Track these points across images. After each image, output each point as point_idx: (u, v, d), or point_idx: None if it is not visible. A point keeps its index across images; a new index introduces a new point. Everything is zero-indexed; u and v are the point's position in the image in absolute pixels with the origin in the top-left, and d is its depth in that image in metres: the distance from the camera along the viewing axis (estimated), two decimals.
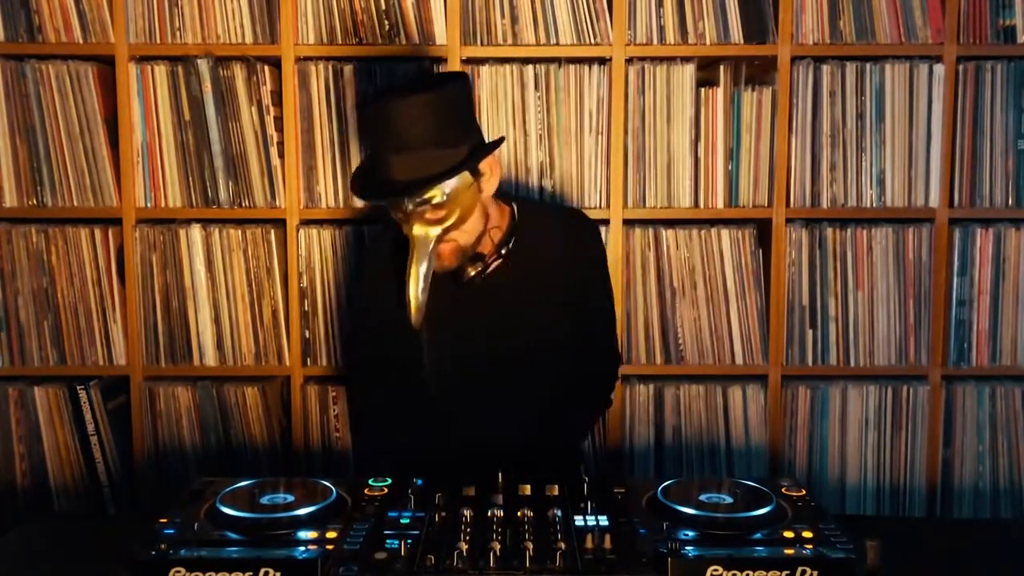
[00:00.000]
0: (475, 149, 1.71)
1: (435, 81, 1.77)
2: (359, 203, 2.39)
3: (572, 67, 2.36)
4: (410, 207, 1.67)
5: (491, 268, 1.82)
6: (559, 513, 1.51)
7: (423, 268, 1.68)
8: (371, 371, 1.95)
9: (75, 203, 2.40)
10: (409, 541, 1.40)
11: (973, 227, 2.41)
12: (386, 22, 2.35)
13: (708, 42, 2.35)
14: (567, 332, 1.91)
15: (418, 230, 1.68)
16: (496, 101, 2.37)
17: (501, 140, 1.79)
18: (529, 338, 1.88)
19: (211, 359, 2.42)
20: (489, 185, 1.76)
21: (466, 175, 1.70)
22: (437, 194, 1.66)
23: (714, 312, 2.42)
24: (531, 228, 1.87)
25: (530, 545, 1.37)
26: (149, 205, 2.41)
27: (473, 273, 1.79)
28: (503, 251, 1.83)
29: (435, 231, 1.69)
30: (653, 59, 2.37)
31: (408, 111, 1.61)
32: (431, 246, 1.69)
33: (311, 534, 1.44)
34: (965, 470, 2.45)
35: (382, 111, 1.63)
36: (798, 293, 2.42)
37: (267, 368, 2.44)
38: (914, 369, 2.44)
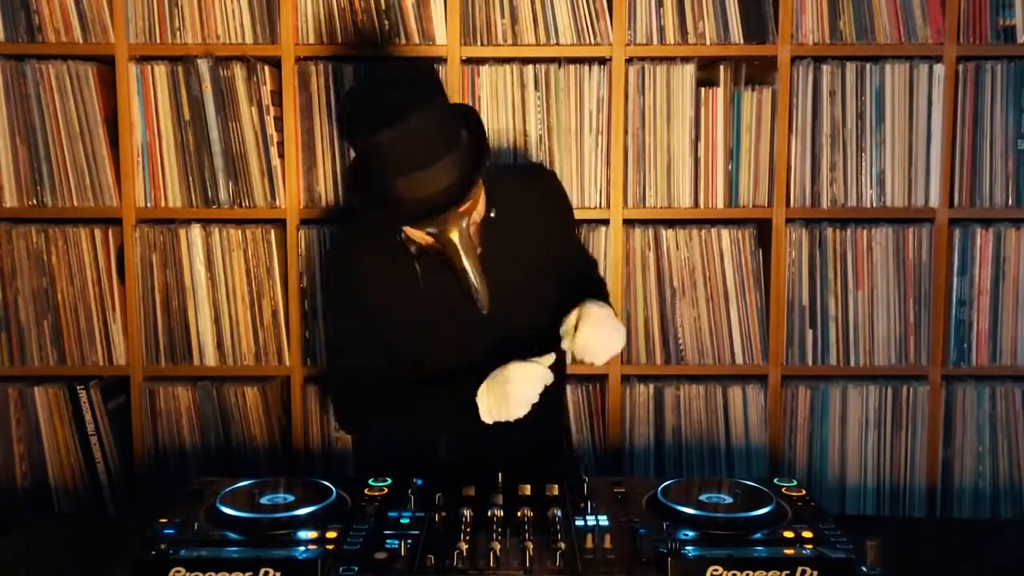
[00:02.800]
0: (470, 131, 1.70)
1: (417, 85, 1.68)
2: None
3: (572, 67, 2.36)
4: (447, 215, 1.64)
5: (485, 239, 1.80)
6: (559, 513, 1.51)
7: (472, 259, 1.70)
8: (360, 363, 1.90)
9: (75, 203, 2.40)
10: (409, 541, 1.40)
11: (973, 227, 2.41)
12: (386, 22, 2.35)
13: (708, 42, 2.35)
14: (555, 284, 1.90)
15: (454, 233, 1.67)
16: (496, 101, 2.37)
17: (475, 111, 1.77)
18: (522, 296, 1.86)
19: (211, 359, 2.42)
20: (487, 151, 1.75)
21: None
22: (471, 190, 1.66)
23: (714, 312, 2.42)
24: (500, 191, 1.84)
25: (530, 545, 1.37)
26: (149, 205, 2.41)
27: (480, 243, 1.78)
28: (489, 218, 1.80)
29: (465, 223, 1.69)
30: (653, 59, 2.37)
31: (412, 132, 1.57)
32: (468, 237, 1.70)
33: (311, 534, 1.44)
34: (965, 470, 2.45)
35: (392, 139, 1.58)
36: (798, 293, 2.42)
37: (267, 368, 2.44)
38: (914, 369, 2.44)
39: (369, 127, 1.57)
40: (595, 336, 1.72)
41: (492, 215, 1.79)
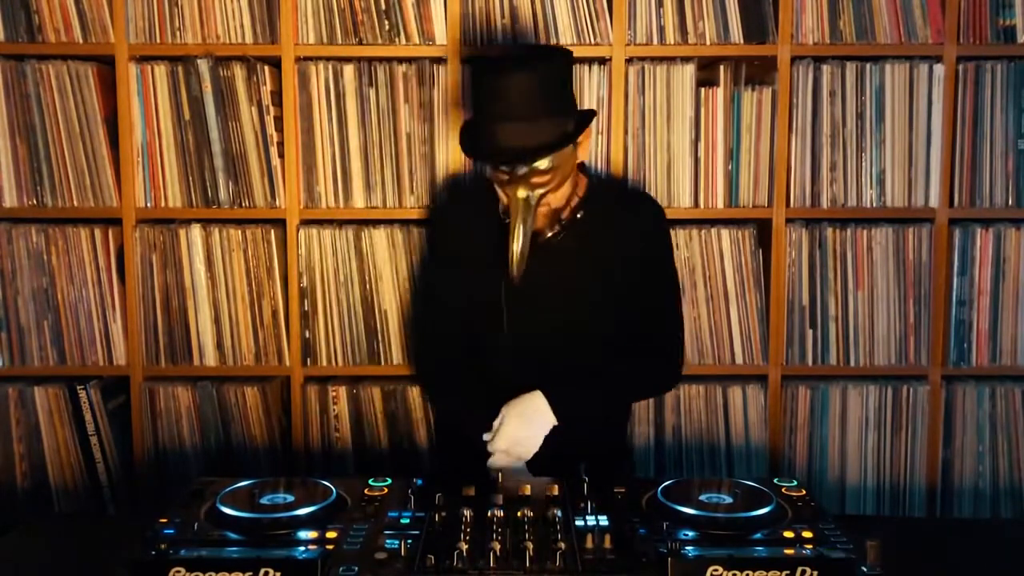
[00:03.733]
0: (579, 118, 1.84)
1: (545, 53, 1.91)
2: (358, 203, 2.39)
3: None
4: (521, 171, 1.77)
5: (562, 235, 1.91)
6: (559, 513, 1.51)
7: (526, 227, 1.80)
8: (446, 326, 2.06)
9: (75, 203, 2.40)
10: (409, 541, 1.40)
11: (973, 227, 2.41)
12: (386, 22, 2.35)
13: (708, 42, 2.35)
14: (611, 313, 1.98)
15: (522, 192, 1.79)
16: None
17: (594, 112, 1.92)
18: (577, 310, 1.97)
19: (211, 359, 2.42)
20: (583, 150, 1.89)
21: None
22: (547, 161, 1.78)
23: (714, 312, 2.42)
24: (602, 202, 1.96)
25: (530, 545, 1.37)
26: (149, 205, 2.41)
27: (550, 235, 1.89)
28: (575, 218, 1.92)
29: (537, 193, 1.80)
30: (653, 59, 2.37)
31: (525, 83, 1.73)
32: (533, 207, 1.80)
33: (311, 534, 1.44)
34: (965, 470, 2.45)
35: (499, 80, 1.74)
36: (798, 293, 2.42)
37: (267, 368, 2.44)
38: (914, 369, 2.44)
39: (488, 72, 1.77)
40: (502, 437, 1.82)
41: (579, 216, 1.91)
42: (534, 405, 1.84)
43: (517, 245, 1.80)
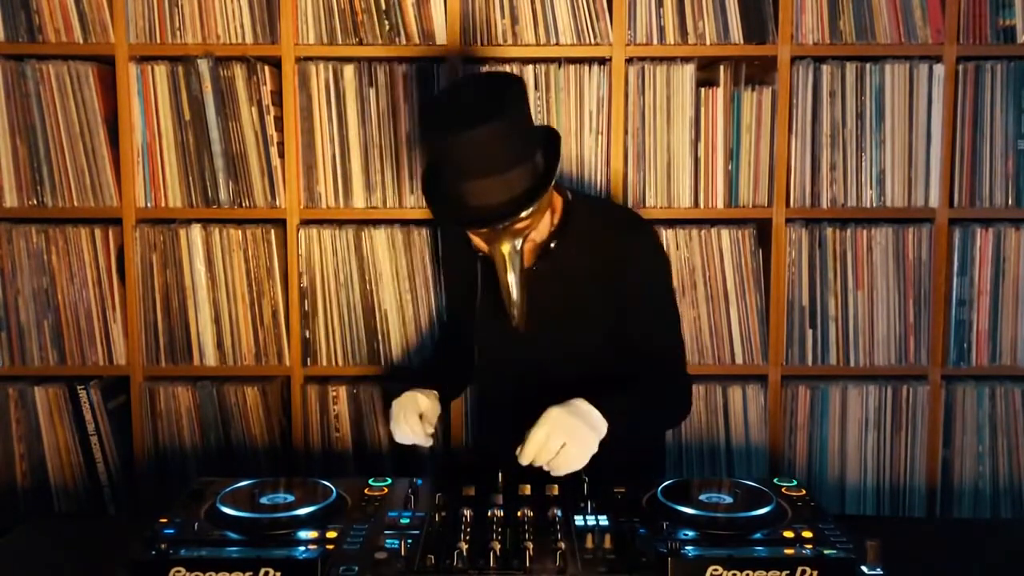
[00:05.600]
0: (546, 154, 1.72)
1: (497, 91, 1.67)
2: (359, 203, 2.39)
3: (572, 67, 2.36)
4: (501, 227, 1.65)
5: (543, 263, 1.82)
6: (559, 513, 1.52)
7: (518, 276, 1.71)
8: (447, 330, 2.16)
9: (75, 203, 2.40)
10: (409, 541, 1.40)
11: (973, 227, 2.41)
12: (386, 22, 2.35)
13: (708, 42, 2.35)
14: (602, 333, 1.87)
15: (507, 247, 1.69)
16: None
17: (557, 133, 1.79)
18: (561, 333, 1.87)
19: (211, 359, 2.42)
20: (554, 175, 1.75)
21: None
22: (528, 210, 1.65)
23: (714, 312, 2.42)
24: (582, 222, 1.85)
25: (530, 545, 1.37)
26: (149, 205, 2.41)
27: (530, 263, 1.80)
28: (554, 244, 1.82)
29: (519, 242, 1.70)
30: (653, 59, 2.37)
31: (486, 139, 1.59)
32: (520, 255, 1.71)
33: (311, 534, 1.44)
34: (965, 470, 2.45)
35: (464, 142, 1.59)
36: (798, 293, 2.42)
37: (267, 368, 2.44)
38: (914, 369, 2.44)
39: (443, 130, 1.61)
40: (550, 443, 1.60)
41: (552, 245, 1.81)
42: (582, 408, 1.66)
43: (515, 294, 1.71)
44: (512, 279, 1.71)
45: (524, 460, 1.60)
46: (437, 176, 1.73)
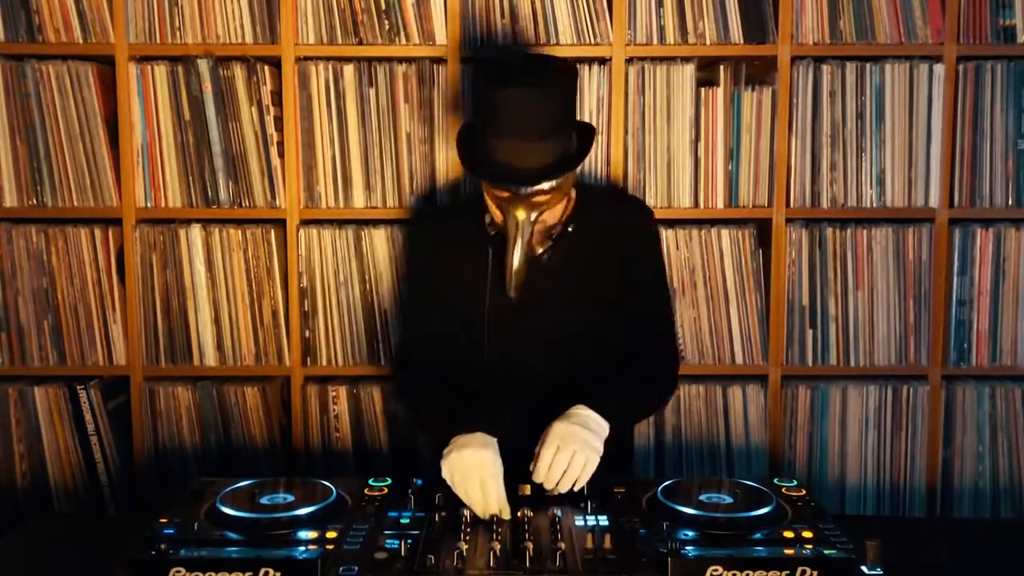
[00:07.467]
0: (581, 137, 1.81)
1: (557, 68, 1.78)
2: (358, 203, 2.39)
3: None
4: (524, 191, 1.73)
5: (553, 251, 1.87)
6: (559, 513, 1.52)
7: (524, 246, 1.77)
8: (428, 344, 2.00)
9: (75, 203, 2.40)
10: (409, 541, 1.40)
11: (973, 227, 2.41)
12: (386, 22, 2.35)
13: (708, 42, 2.35)
14: (603, 325, 1.93)
15: (522, 214, 1.75)
16: None
17: (594, 128, 1.88)
18: (569, 326, 1.92)
19: (211, 359, 2.42)
20: (584, 159, 1.83)
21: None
22: (553, 181, 1.74)
23: (714, 312, 2.42)
24: (591, 213, 1.92)
25: (530, 545, 1.37)
26: (149, 205, 2.41)
27: (541, 251, 1.85)
28: (565, 232, 1.88)
29: (535, 214, 1.77)
30: (653, 59, 2.37)
31: (539, 100, 1.68)
32: (532, 227, 1.77)
33: (311, 534, 1.44)
34: (965, 470, 2.45)
35: (511, 95, 1.68)
36: (798, 293, 2.42)
37: (267, 368, 2.44)
38: (914, 369, 2.44)
39: (496, 83, 1.70)
40: (561, 456, 1.62)
41: (570, 229, 1.87)
42: (583, 415, 1.70)
43: (515, 262, 1.77)
44: (518, 247, 1.76)
45: (538, 477, 1.63)
46: (472, 135, 1.80)
